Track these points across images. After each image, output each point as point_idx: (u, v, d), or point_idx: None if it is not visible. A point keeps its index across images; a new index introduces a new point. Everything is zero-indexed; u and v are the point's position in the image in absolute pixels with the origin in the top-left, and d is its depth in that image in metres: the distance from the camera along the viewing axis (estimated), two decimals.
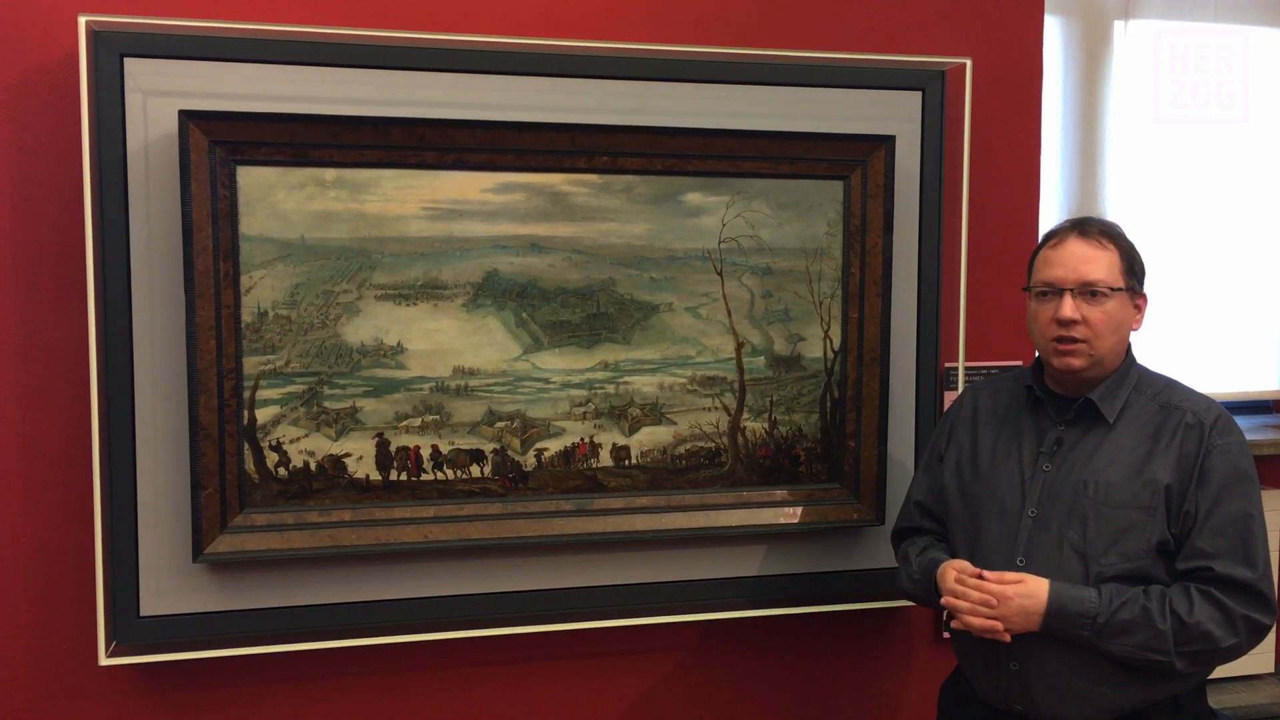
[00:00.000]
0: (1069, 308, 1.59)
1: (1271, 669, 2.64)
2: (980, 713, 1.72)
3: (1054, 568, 1.59)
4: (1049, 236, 1.69)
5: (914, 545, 1.82)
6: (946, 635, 1.68)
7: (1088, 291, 1.60)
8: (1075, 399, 1.66)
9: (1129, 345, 1.70)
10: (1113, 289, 1.60)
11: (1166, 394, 1.65)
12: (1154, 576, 1.57)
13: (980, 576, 1.60)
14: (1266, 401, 2.94)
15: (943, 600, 1.65)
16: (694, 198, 2.02)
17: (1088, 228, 1.65)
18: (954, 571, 1.64)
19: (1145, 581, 1.57)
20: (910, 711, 2.30)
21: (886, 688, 2.30)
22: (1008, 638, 1.57)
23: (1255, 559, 1.55)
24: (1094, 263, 1.60)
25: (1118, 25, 2.60)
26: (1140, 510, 1.57)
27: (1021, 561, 1.62)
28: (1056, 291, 1.62)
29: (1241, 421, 2.81)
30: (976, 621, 1.58)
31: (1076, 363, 1.61)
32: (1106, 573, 1.57)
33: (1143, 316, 1.68)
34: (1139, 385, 1.66)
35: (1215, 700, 2.47)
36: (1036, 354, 1.73)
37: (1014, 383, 1.78)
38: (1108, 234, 1.64)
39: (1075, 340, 1.60)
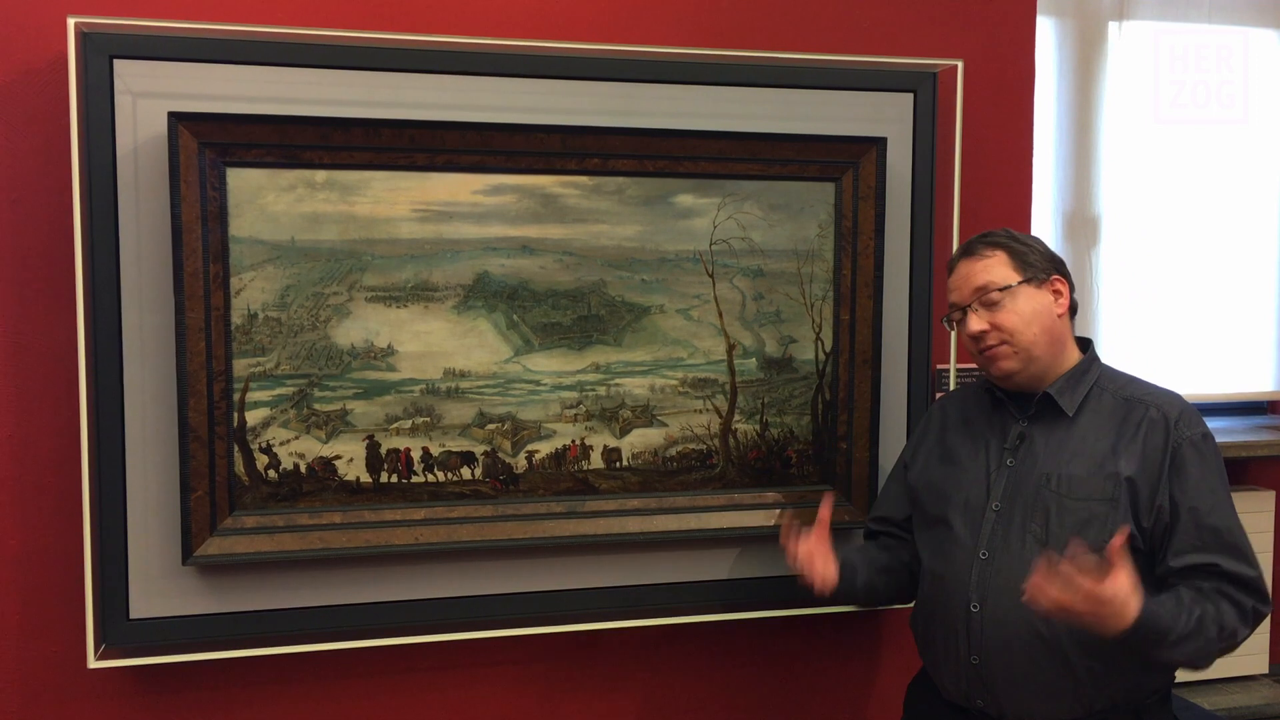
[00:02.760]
0: (973, 322, 1.66)
1: (1265, 670, 2.63)
2: (945, 711, 1.73)
3: (1016, 559, 1.61)
4: (947, 269, 1.75)
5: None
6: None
7: (984, 301, 1.65)
8: (1035, 394, 1.68)
9: (1090, 343, 1.73)
10: (1004, 287, 1.65)
11: (1129, 388, 1.68)
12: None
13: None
14: (1262, 403, 2.94)
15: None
16: (685, 199, 2.01)
17: (972, 246, 1.71)
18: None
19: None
20: (894, 713, 2.29)
21: (873, 689, 2.30)
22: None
23: (1248, 553, 1.58)
24: (980, 272, 1.67)
25: (1112, 26, 2.59)
26: (1102, 503, 1.59)
27: (984, 555, 1.64)
28: (961, 312, 1.69)
29: (1237, 422, 2.84)
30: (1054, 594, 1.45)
31: (1006, 364, 1.65)
32: None
33: (1066, 300, 1.69)
34: (1100, 381, 1.69)
35: (1209, 701, 2.47)
36: None
37: (978, 388, 1.81)
38: (990, 242, 1.70)
39: (993, 346, 1.65)
